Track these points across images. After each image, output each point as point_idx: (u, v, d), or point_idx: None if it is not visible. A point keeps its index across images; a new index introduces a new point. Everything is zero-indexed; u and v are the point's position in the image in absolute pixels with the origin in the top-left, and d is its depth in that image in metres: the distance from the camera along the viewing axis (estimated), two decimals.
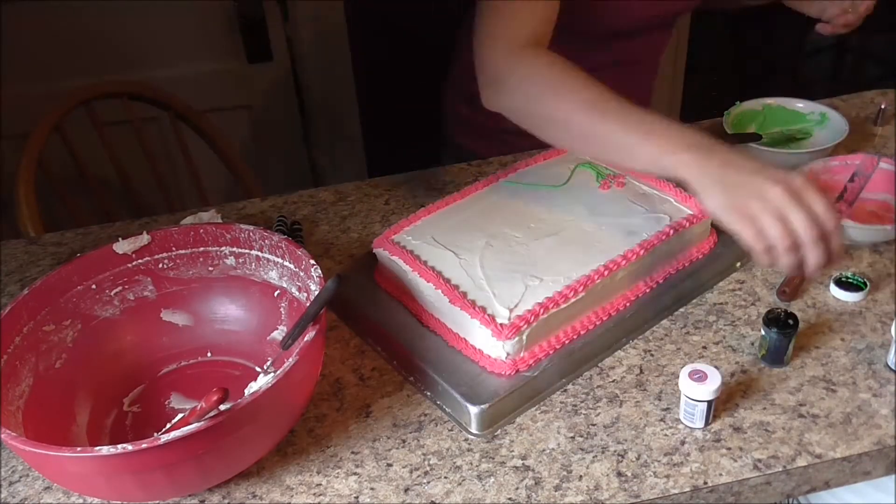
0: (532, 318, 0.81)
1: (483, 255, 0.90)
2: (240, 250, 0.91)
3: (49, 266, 1.10)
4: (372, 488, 0.76)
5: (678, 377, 0.80)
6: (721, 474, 0.75)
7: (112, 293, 0.89)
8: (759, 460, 0.76)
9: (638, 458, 0.77)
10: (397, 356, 0.89)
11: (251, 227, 0.89)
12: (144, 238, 0.89)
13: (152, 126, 1.70)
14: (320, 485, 0.77)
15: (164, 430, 0.73)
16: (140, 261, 0.89)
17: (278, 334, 0.89)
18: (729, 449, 0.77)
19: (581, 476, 0.76)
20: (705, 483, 0.74)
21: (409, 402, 0.85)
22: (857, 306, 0.92)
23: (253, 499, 0.76)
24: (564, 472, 0.76)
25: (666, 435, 0.79)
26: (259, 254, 0.90)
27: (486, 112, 0.95)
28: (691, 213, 0.95)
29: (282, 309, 0.90)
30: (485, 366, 0.83)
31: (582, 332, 0.87)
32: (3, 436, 0.67)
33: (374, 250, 0.95)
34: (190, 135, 1.61)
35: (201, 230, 0.90)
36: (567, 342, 0.86)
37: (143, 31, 1.83)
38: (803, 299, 0.94)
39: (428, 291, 0.88)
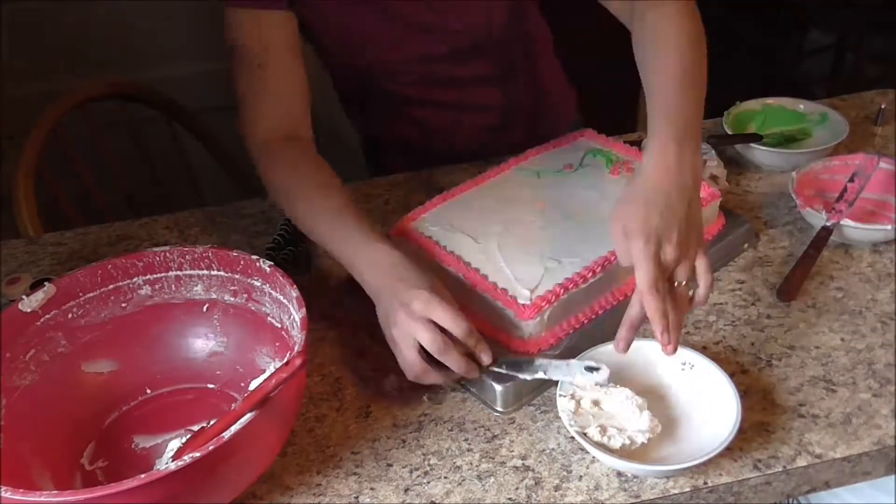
0: (553, 297, 0.83)
1: (501, 240, 0.92)
2: (154, 276, 0.86)
3: (49, 266, 1.10)
4: (372, 488, 0.76)
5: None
6: (721, 474, 0.75)
7: (27, 358, 0.81)
8: (759, 460, 0.76)
9: None
10: None
11: (167, 248, 0.85)
12: (50, 290, 0.82)
13: (152, 126, 1.70)
14: (320, 485, 0.77)
15: (164, 463, 0.71)
16: (47, 316, 0.82)
17: (216, 346, 0.87)
18: (729, 449, 0.77)
19: (581, 476, 0.76)
20: (705, 483, 0.74)
21: (409, 402, 0.85)
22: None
23: (253, 499, 0.76)
24: (564, 472, 0.76)
25: None
26: (179, 273, 0.86)
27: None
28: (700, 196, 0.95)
29: (215, 320, 0.87)
30: (507, 345, 0.84)
31: (600, 313, 0.89)
32: None
33: (392, 238, 0.95)
34: (189, 135, 1.61)
35: (109, 265, 0.85)
36: (586, 322, 0.87)
37: (143, 31, 1.83)
38: (803, 299, 0.94)
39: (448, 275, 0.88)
